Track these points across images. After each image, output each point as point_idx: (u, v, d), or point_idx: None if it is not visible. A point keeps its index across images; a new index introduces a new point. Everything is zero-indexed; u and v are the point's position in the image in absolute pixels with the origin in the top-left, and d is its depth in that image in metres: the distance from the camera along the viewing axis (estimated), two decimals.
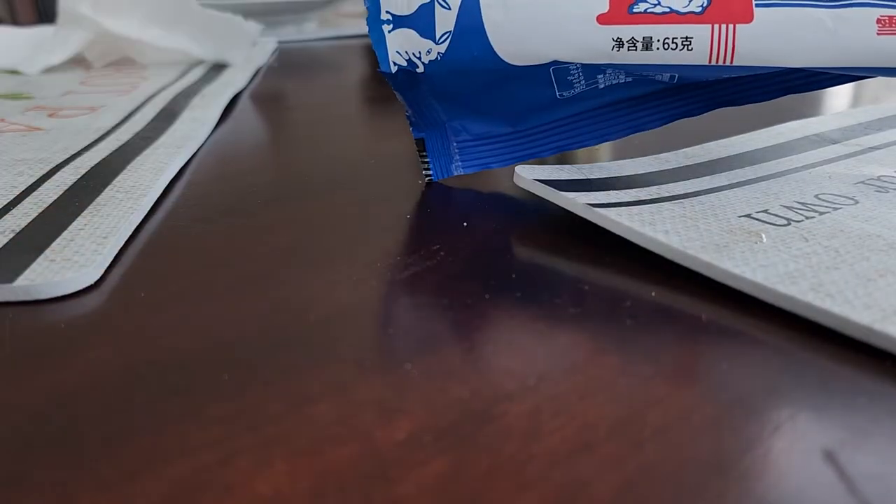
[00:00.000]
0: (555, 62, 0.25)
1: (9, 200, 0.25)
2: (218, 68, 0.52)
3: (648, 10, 0.24)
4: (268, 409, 0.14)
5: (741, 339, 0.17)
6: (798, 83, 0.26)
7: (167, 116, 0.38)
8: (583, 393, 0.15)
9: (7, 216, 0.24)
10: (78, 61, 0.54)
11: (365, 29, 0.70)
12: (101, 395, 0.15)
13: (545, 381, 0.15)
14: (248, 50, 0.55)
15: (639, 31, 0.23)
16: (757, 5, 0.23)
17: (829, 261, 0.19)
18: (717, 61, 0.23)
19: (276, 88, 0.49)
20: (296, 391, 0.15)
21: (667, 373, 0.16)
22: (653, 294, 0.19)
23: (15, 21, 0.90)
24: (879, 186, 0.24)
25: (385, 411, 0.14)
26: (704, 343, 0.17)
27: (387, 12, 0.26)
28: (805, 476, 0.13)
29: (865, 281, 0.18)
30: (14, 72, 0.50)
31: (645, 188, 0.24)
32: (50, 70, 0.51)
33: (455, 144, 0.29)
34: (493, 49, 0.25)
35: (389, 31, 0.26)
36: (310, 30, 0.73)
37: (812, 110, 0.36)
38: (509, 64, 0.25)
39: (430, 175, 0.29)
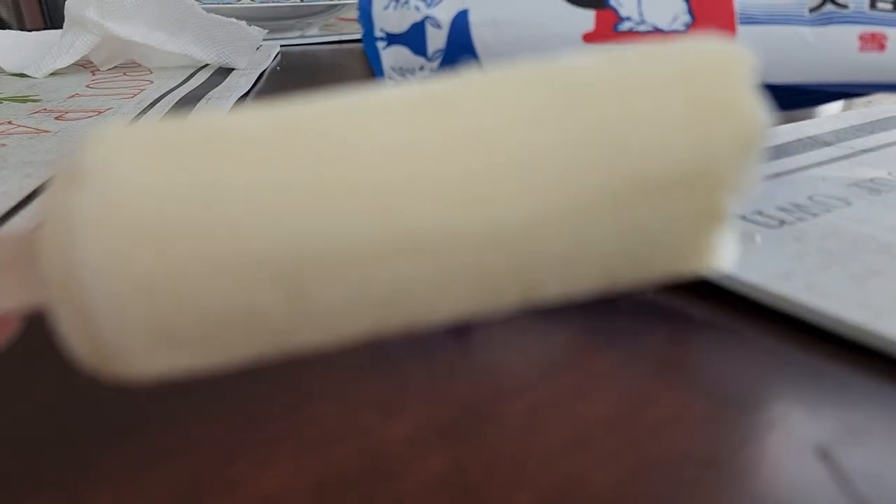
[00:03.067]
0: None
1: (17, 202, 0.25)
2: (222, 72, 0.52)
3: (633, 29, 0.24)
4: (270, 407, 0.14)
5: (736, 338, 0.17)
6: (780, 101, 0.26)
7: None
8: (581, 390, 0.15)
9: (16, 217, 0.24)
10: (84, 64, 0.54)
11: None
12: (105, 393, 0.15)
13: (544, 378, 0.15)
14: (252, 54, 0.55)
15: None
16: (740, 23, 0.23)
17: (822, 261, 0.19)
18: None
19: (280, 92, 0.49)
20: (298, 389, 0.15)
21: (663, 371, 0.16)
22: (649, 293, 0.19)
23: (22, 26, 0.90)
24: (872, 188, 0.24)
25: (386, 409, 0.14)
26: (700, 342, 0.17)
27: (381, 30, 0.26)
28: (798, 472, 0.13)
29: (859, 281, 0.18)
30: (21, 75, 0.50)
31: None
32: (56, 73, 0.51)
33: None
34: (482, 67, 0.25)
35: (384, 48, 0.26)
36: (312, 34, 0.73)
37: (805, 113, 0.36)
38: None
39: None
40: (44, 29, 0.59)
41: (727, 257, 0.13)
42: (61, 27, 0.52)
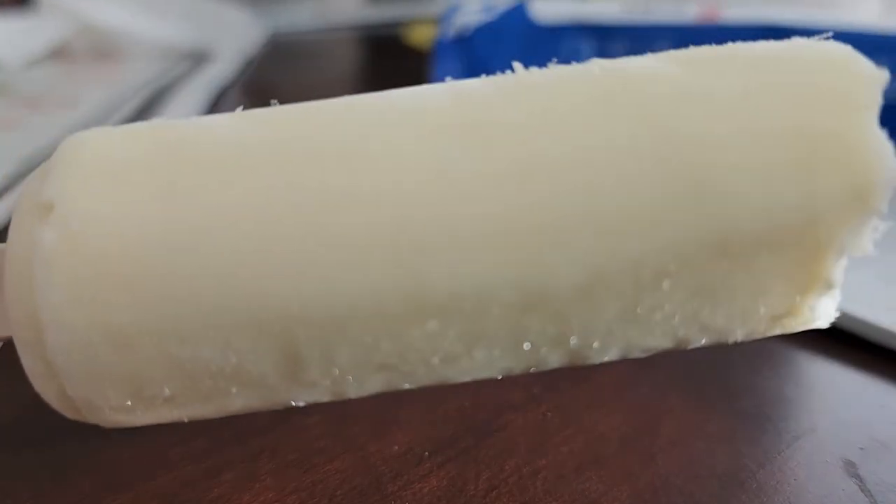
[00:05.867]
0: None
1: None
2: (205, 60, 0.52)
3: None
4: (254, 419, 0.14)
5: (757, 345, 0.17)
6: None
7: (152, 110, 0.38)
8: (591, 402, 0.15)
9: None
10: (62, 54, 0.54)
11: (359, 18, 0.70)
12: None
13: (551, 389, 0.15)
14: (237, 40, 0.54)
15: None
16: None
17: (849, 261, 0.19)
18: None
19: (268, 81, 0.49)
20: None
21: (678, 381, 0.16)
22: None
23: None
24: None
25: (379, 423, 0.14)
26: (719, 349, 0.17)
27: None
28: (824, 489, 0.13)
29: (886, 282, 0.18)
30: None
31: None
32: (34, 64, 0.51)
33: None
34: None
35: None
36: (304, 18, 0.73)
37: None
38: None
39: None
40: (17, 6, 0.59)
41: (824, 318, 0.11)
42: (35, 6, 0.51)
